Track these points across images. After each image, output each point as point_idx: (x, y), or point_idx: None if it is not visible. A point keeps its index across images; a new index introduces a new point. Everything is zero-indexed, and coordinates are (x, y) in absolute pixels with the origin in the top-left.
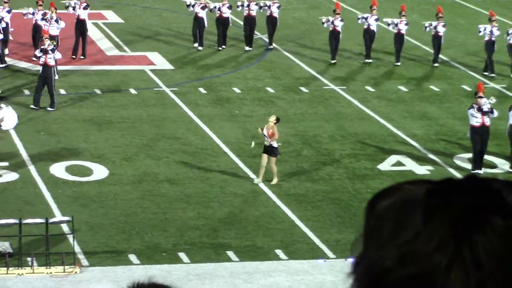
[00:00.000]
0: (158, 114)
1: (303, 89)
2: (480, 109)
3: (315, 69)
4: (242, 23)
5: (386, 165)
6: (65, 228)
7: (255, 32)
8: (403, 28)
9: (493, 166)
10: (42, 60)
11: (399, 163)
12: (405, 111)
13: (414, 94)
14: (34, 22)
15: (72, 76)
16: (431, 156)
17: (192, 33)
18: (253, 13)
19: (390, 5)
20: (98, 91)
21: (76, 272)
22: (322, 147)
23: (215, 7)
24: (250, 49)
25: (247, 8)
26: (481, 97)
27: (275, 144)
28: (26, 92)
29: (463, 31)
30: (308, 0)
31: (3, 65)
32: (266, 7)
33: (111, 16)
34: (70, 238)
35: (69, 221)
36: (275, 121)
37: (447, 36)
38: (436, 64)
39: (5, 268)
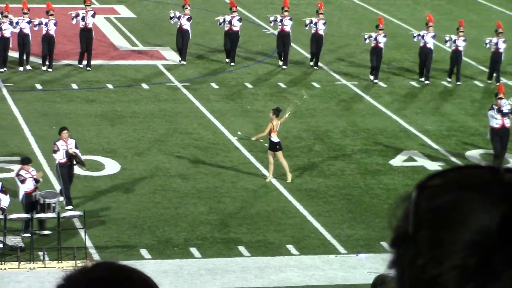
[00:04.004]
0: (170, 109)
1: (315, 84)
2: (500, 111)
3: (327, 64)
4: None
5: (397, 161)
6: (76, 222)
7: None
8: (461, 44)
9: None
10: None
11: (411, 159)
12: (417, 107)
13: (426, 90)
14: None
15: (84, 71)
16: (443, 152)
17: (176, 47)
18: (287, 28)
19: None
20: (110, 86)
21: None
22: (334, 142)
23: (224, 20)
24: (285, 67)
25: (280, 24)
26: (501, 98)
27: (274, 139)
28: (38, 86)
29: (476, 27)
30: None
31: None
32: (312, 25)
33: (124, 11)
34: (82, 232)
35: (81, 215)
36: (274, 115)
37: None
38: (498, 84)
39: (17, 263)
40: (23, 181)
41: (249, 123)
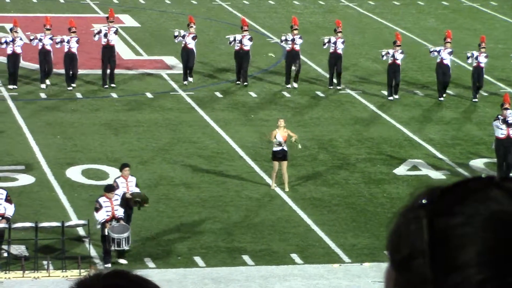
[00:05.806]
0: (174, 118)
1: (319, 93)
2: (505, 121)
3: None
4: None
5: (402, 170)
6: (81, 231)
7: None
8: (483, 61)
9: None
10: None
11: (415, 168)
12: (421, 116)
13: (430, 98)
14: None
15: (88, 80)
16: (447, 160)
17: (182, 67)
18: (297, 47)
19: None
20: (114, 95)
21: None
22: (338, 151)
23: (234, 39)
24: (291, 86)
25: (291, 42)
26: (506, 108)
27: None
28: (42, 95)
29: (480, 36)
30: (324, 4)
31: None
32: (331, 44)
33: (128, 20)
34: (86, 241)
35: (85, 224)
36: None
37: (464, 40)
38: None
39: (21, 272)
40: (97, 209)
41: (253, 132)
